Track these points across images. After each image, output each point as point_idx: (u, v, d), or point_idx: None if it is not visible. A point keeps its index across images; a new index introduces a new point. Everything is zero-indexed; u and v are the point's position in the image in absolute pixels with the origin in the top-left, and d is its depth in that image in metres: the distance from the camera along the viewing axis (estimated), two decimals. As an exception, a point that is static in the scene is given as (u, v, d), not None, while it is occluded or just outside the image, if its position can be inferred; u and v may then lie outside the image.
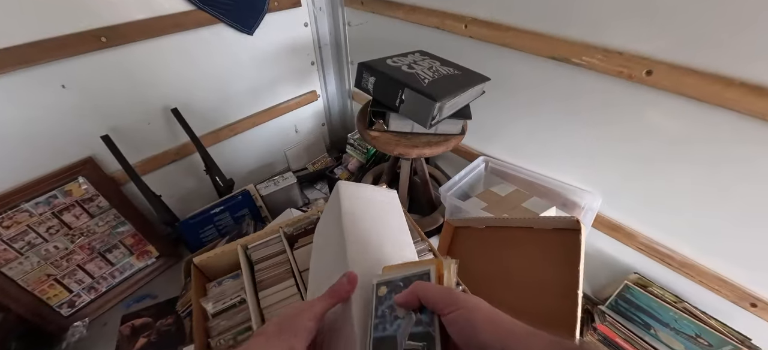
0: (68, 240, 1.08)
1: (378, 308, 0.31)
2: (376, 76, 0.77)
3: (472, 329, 0.25)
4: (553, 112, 0.94)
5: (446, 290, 0.28)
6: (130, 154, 1.05)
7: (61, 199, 1.03)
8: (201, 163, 1.25)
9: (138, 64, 1.04)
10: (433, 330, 0.27)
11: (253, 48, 1.26)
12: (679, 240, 0.89)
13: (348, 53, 1.46)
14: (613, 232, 0.99)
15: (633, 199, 0.91)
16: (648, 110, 0.76)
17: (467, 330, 0.26)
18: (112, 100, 1.03)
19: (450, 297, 0.27)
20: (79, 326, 1.15)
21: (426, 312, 0.28)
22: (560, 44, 0.80)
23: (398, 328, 0.28)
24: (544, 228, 0.78)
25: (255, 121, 1.39)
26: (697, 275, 0.88)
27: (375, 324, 0.30)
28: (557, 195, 1.05)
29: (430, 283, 0.29)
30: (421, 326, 0.28)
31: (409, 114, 0.75)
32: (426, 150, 0.80)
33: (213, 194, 1.37)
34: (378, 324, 0.30)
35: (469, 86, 0.79)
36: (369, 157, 1.32)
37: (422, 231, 0.61)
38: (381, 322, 0.30)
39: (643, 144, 0.82)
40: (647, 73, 0.71)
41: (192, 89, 1.18)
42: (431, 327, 0.27)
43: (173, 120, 1.15)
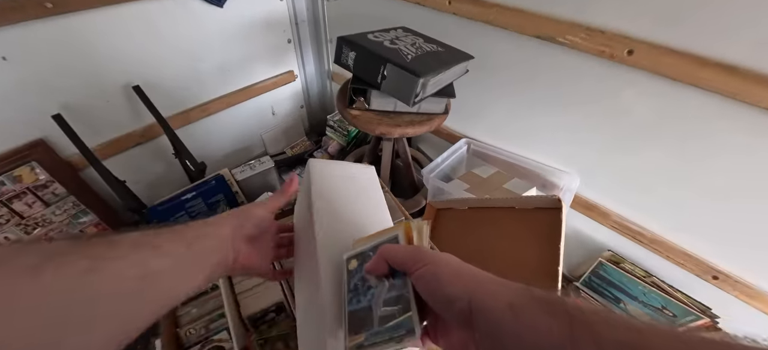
0: (21, 231, 0.99)
1: (350, 282, 0.30)
2: (356, 50, 0.73)
3: (437, 283, 0.25)
4: (534, 92, 0.94)
5: (412, 248, 0.28)
6: (88, 136, 0.96)
7: (9, 186, 0.93)
8: (169, 146, 1.17)
9: (92, 35, 0.94)
10: (406, 292, 0.26)
11: (224, 22, 1.18)
12: (649, 218, 0.92)
13: (327, 31, 1.39)
14: (588, 212, 1.01)
15: (608, 179, 0.94)
16: (627, 90, 0.77)
17: (433, 285, 0.25)
18: (64, 75, 0.93)
19: (417, 255, 0.26)
20: (38, 322, 1.07)
21: (398, 277, 0.27)
22: (544, 22, 0.79)
23: (372, 297, 0.28)
24: (526, 207, 0.79)
25: (229, 101, 1.31)
26: (665, 251, 0.92)
27: (349, 298, 0.30)
28: (537, 177, 1.06)
29: (397, 245, 0.29)
30: (394, 290, 0.27)
31: (392, 91, 0.72)
32: (409, 129, 0.78)
33: (184, 179, 1.29)
34: (352, 298, 0.29)
35: (452, 63, 0.77)
36: (350, 140, 1.29)
37: (407, 212, 0.60)
38: (355, 295, 0.29)
39: (619, 124, 0.83)
40: (628, 53, 0.71)
41: (156, 65, 1.09)
42: (405, 290, 0.27)
43: (136, 99, 1.06)
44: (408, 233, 0.29)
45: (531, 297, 0.22)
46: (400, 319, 0.26)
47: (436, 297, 0.25)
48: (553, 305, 0.21)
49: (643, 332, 0.18)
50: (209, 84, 1.25)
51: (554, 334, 0.19)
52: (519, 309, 0.21)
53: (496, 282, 0.24)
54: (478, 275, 0.25)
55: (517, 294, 0.22)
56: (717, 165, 0.74)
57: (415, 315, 0.25)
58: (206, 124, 1.30)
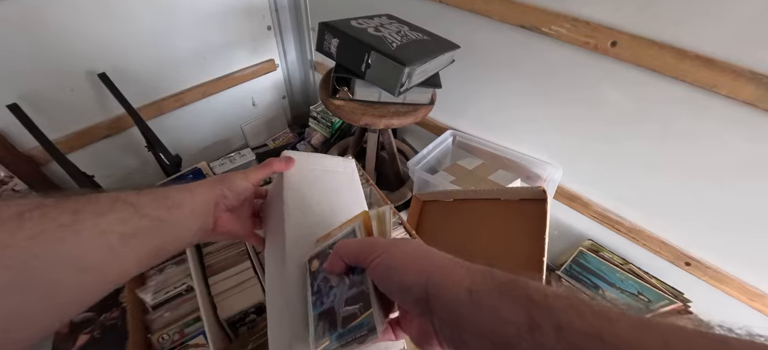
0: (-25, 229, 0.92)
1: (313, 284, 0.29)
2: (339, 37, 0.70)
3: (391, 272, 0.24)
4: (519, 83, 0.94)
5: (365, 240, 0.27)
6: (49, 128, 0.89)
7: (-40, 182, 0.86)
8: (141, 138, 1.10)
9: (53, 16, 0.86)
10: (365, 287, 0.25)
11: (198, 5, 1.11)
12: (628, 207, 0.95)
13: (308, 18, 1.34)
14: (570, 202, 1.03)
15: (590, 170, 0.95)
16: (609, 82, 0.78)
17: (386, 274, 0.24)
18: (21, 61, 0.86)
19: (370, 246, 0.25)
20: (0, 327, 1.00)
21: (357, 272, 0.26)
22: (530, 11, 0.78)
23: (335, 298, 0.27)
24: (511, 199, 0.79)
25: (205, 90, 1.25)
26: (643, 239, 0.95)
27: (313, 301, 0.28)
28: (521, 168, 1.07)
29: (350, 239, 0.28)
30: (355, 288, 0.26)
31: (376, 80, 0.69)
32: (394, 120, 0.76)
33: (159, 173, 1.23)
34: (316, 300, 0.28)
35: (439, 53, 0.75)
36: (334, 131, 1.26)
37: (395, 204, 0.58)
38: (318, 297, 0.28)
39: (601, 115, 0.84)
40: (612, 44, 0.71)
41: (124, 51, 1.02)
42: (364, 286, 0.26)
43: (102, 88, 0.99)
44: (366, 223, 0.28)
45: (491, 281, 0.21)
46: (361, 318, 0.24)
47: (391, 286, 0.24)
48: (515, 289, 0.20)
49: (612, 319, 0.17)
50: (184, 72, 1.18)
51: (512, 321, 0.19)
52: (477, 294, 0.20)
53: (456, 264, 0.23)
54: (437, 258, 0.24)
55: (476, 279, 0.21)
56: (694, 155, 0.76)
57: (377, 311, 0.24)
58: (181, 114, 1.24)
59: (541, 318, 0.18)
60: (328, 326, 0.26)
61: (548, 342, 0.17)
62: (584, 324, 0.17)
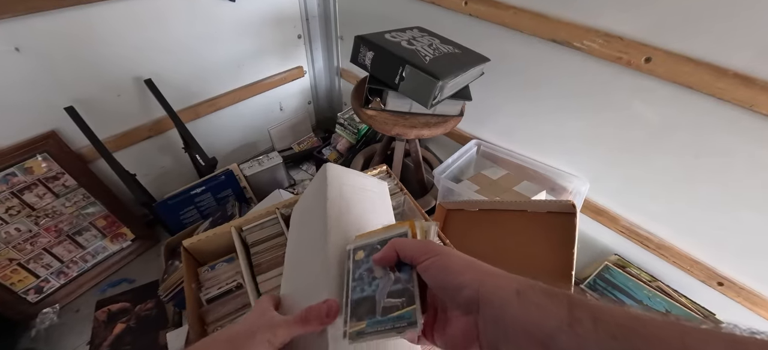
0: (32, 221, 0.99)
1: (355, 271, 0.31)
2: (374, 50, 0.73)
3: (447, 272, 0.26)
4: (547, 96, 0.94)
5: (423, 242, 0.29)
6: (98, 129, 0.96)
7: (20, 177, 0.93)
8: (178, 140, 1.17)
9: (105, 27, 0.93)
10: (411, 286, 0.27)
11: (235, 16, 1.17)
12: (658, 224, 0.93)
13: (337, 27, 1.38)
14: (597, 216, 1.02)
15: (619, 185, 0.94)
16: (642, 97, 0.78)
17: (443, 274, 0.26)
18: (76, 67, 0.93)
19: (426, 247, 0.28)
20: (48, 313, 1.07)
21: (404, 271, 0.28)
22: (561, 26, 0.79)
23: (377, 288, 0.29)
24: (538, 211, 0.79)
25: (238, 96, 1.31)
26: (672, 256, 0.93)
27: (353, 286, 0.30)
28: (547, 180, 1.07)
29: (407, 238, 0.30)
30: (399, 284, 0.28)
31: (409, 92, 0.72)
32: (424, 131, 0.78)
33: (192, 174, 1.30)
34: (356, 287, 0.30)
35: (470, 66, 0.77)
36: (359, 137, 1.29)
37: (424, 212, 0.60)
38: (359, 284, 0.30)
39: (632, 131, 0.83)
40: (646, 60, 0.71)
41: (168, 59, 1.08)
42: (410, 284, 0.28)
43: (146, 92, 1.06)
44: (413, 231, 0.31)
45: (536, 286, 0.23)
46: (403, 311, 0.27)
47: (446, 284, 0.26)
48: (557, 293, 0.22)
49: (642, 319, 0.19)
50: (219, 79, 1.25)
51: (555, 315, 0.21)
52: (525, 295, 0.23)
53: (503, 274, 0.25)
54: (487, 267, 0.26)
55: (522, 283, 0.24)
56: (730, 175, 0.74)
57: (419, 308, 0.26)
58: (214, 118, 1.30)
59: (581, 313, 0.21)
60: (366, 311, 0.28)
61: (587, 333, 0.20)
62: (619, 317, 0.20)
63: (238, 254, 0.51)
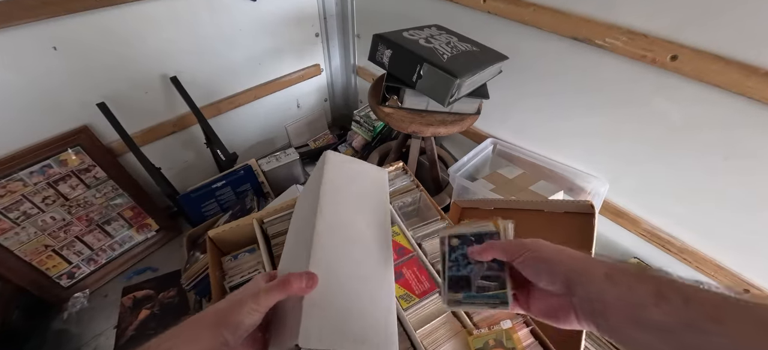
0: (65, 211, 1.05)
1: (451, 254, 0.37)
2: (392, 48, 0.73)
3: (543, 262, 0.30)
4: (566, 94, 0.93)
5: (513, 242, 0.34)
6: (126, 125, 1.01)
7: (56, 169, 0.99)
8: (201, 135, 1.21)
9: (134, 27, 0.98)
10: (503, 274, 0.33)
11: (256, 15, 1.20)
12: (681, 227, 0.90)
13: (354, 26, 1.40)
14: (616, 218, 1.00)
15: (639, 186, 0.92)
16: (667, 96, 0.76)
17: (536, 267, 0.30)
18: (108, 65, 0.98)
19: (518, 246, 0.32)
20: (79, 297, 1.13)
21: (497, 261, 0.34)
22: (583, 23, 0.77)
23: (471, 270, 0.35)
24: (555, 211, 0.78)
25: (256, 93, 1.34)
26: (696, 261, 0.90)
27: (449, 266, 0.37)
28: (564, 180, 1.05)
29: (500, 241, 0.35)
30: (492, 271, 0.34)
31: (427, 90, 0.72)
32: (441, 128, 0.79)
33: (213, 168, 1.34)
34: (452, 266, 0.37)
35: (488, 64, 0.77)
36: (375, 135, 1.30)
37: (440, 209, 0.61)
38: (454, 265, 0.37)
39: (655, 130, 0.81)
40: (672, 58, 0.69)
41: (192, 58, 1.12)
42: (502, 272, 0.33)
43: (171, 89, 1.10)
44: (497, 227, 0.37)
45: (624, 269, 0.26)
46: (495, 292, 0.33)
47: (541, 275, 0.30)
48: (644, 275, 0.25)
49: (728, 299, 0.21)
50: (239, 76, 1.28)
51: (642, 292, 0.24)
52: (613, 277, 0.26)
53: (591, 259, 0.29)
54: (575, 253, 0.30)
55: (610, 267, 0.27)
56: (759, 178, 0.72)
57: (510, 291, 0.33)
58: (234, 115, 1.34)
59: (669, 291, 0.23)
60: (462, 286, 0.35)
61: (676, 310, 0.22)
62: (704, 296, 0.22)
63: (259, 245, 0.53)
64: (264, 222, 0.57)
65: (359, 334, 0.34)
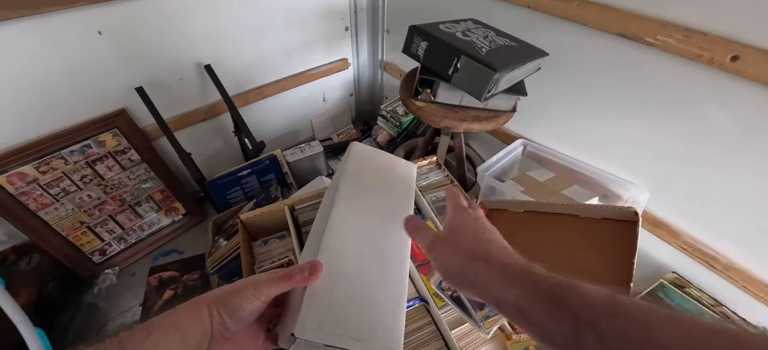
0: (101, 190, 1.09)
1: None
2: (429, 40, 0.72)
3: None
4: (608, 95, 0.88)
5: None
6: (161, 110, 1.04)
7: (94, 149, 1.03)
8: (229, 124, 1.23)
9: (173, 14, 1.00)
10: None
11: (289, 6, 1.21)
12: (728, 242, 0.84)
13: (384, 20, 1.39)
14: (655, 229, 0.94)
15: (683, 196, 0.86)
16: (723, 100, 0.70)
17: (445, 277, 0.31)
18: (147, 51, 1.01)
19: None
20: (109, 273, 1.18)
21: None
22: (633, 19, 0.73)
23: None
24: (593, 216, 0.74)
25: (284, 85, 1.36)
26: (743, 280, 0.84)
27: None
28: (598, 185, 1.00)
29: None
30: None
31: (463, 84, 0.70)
32: (474, 124, 0.76)
33: (239, 157, 1.36)
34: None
35: (527, 60, 0.74)
36: (401, 130, 1.28)
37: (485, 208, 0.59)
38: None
39: (707, 137, 0.76)
40: (732, 59, 0.64)
41: (225, 47, 1.14)
42: None
43: (205, 77, 1.13)
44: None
45: (536, 294, 0.24)
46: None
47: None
48: (563, 305, 0.22)
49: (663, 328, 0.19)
50: (269, 67, 1.30)
51: (558, 334, 0.22)
52: (523, 314, 0.24)
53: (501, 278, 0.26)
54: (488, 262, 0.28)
55: (520, 297, 0.24)
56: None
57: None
58: (262, 105, 1.36)
59: (588, 332, 0.21)
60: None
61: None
62: (629, 334, 0.20)
63: (290, 232, 0.52)
64: (295, 209, 0.56)
65: (360, 332, 0.32)
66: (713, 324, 0.19)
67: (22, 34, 0.81)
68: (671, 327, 0.19)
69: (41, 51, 0.85)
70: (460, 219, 0.33)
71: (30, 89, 0.87)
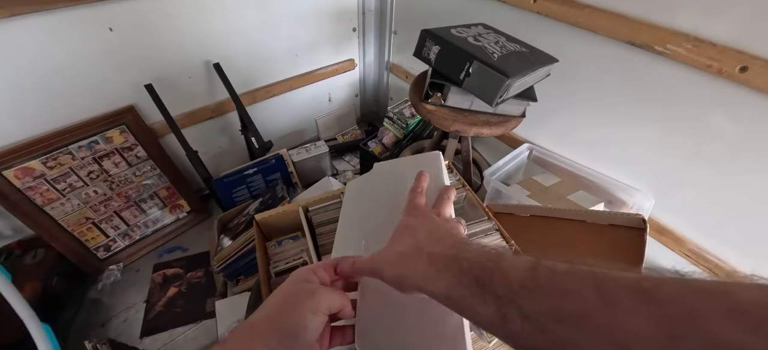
0: (107, 186, 1.09)
1: None
2: (441, 44, 0.72)
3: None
4: (616, 102, 0.89)
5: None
6: (169, 107, 1.04)
7: (102, 145, 1.03)
8: (237, 122, 1.23)
9: (182, 13, 1.00)
10: None
11: (298, 6, 1.21)
12: (732, 250, 0.85)
13: (392, 22, 1.39)
14: (659, 236, 0.95)
15: (689, 203, 0.87)
16: (731, 110, 0.71)
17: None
18: (157, 48, 1.01)
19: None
20: (114, 269, 1.18)
21: None
22: (643, 28, 0.73)
23: None
24: (599, 223, 0.75)
25: (292, 84, 1.36)
26: (746, 288, 0.84)
27: None
28: (604, 191, 1.01)
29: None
30: None
31: (474, 89, 0.71)
32: (484, 129, 0.77)
33: (244, 155, 1.37)
34: None
35: (538, 66, 0.74)
36: (407, 133, 1.29)
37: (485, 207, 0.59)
38: None
39: (714, 145, 0.76)
40: (741, 70, 0.65)
41: (234, 45, 1.15)
42: None
43: (213, 75, 1.13)
44: None
45: (465, 281, 0.23)
46: None
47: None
48: (486, 288, 0.22)
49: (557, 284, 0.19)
50: (277, 67, 1.30)
51: (486, 316, 0.21)
52: (453, 300, 0.23)
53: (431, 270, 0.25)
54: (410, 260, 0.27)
55: (451, 284, 0.23)
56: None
57: None
58: (269, 104, 1.36)
59: (509, 309, 0.20)
60: None
61: (517, 330, 0.20)
62: (544, 305, 0.19)
63: (304, 233, 0.53)
64: (309, 211, 0.57)
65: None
66: (634, 278, 0.17)
67: (33, 30, 0.81)
68: (590, 289, 0.18)
69: (52, 47, 0.85)
70: (405, 221, 0.31)
71: (40, 84, 0.87)
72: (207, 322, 1.08)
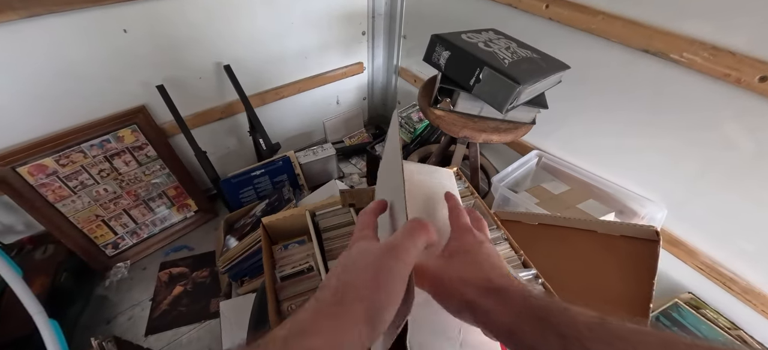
0: (117, 184, 1.11)
1: None
2: (451, 50, 0.72)
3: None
4: (629, 110, 0.87)
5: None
6: (179, 108, 1.05)
7: (113, 144, 1.04)
8: (244, 123, 1.24)
9: (195, 15, 1.01)
10: None
11: (308, 9, 1.22)
12: (748, 265, 0.83)
13: (401, 26, 1.39)
14: (672, 247, 0.93)
15: (703, 215, 0.85)
16: (749, 121, 0.69)
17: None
18: (169, 50, 1.02)
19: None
20: (121, 267, 1.19)
21: None
22: (658, 35, 0.72)
23: None
24: (611, 233, 0.73)
25: (300, 87, 1.37)
26: (762, 304, 0.82)
27: None
28: (614, 201, 0.99)
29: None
30: None
31: (484, 95, 0.70)
32: (494, 136, 0.76)
33: (251, 156, 1.37)
34: None
35: (550, 73, 0.73)
36: (415, 137, 1.28)
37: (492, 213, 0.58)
38: None
39: (731, 156, 0.75)
40: (761, 80, 0.63)
41: (245, 47, 1.16)
42: None
43: (223, 77, 1.14)
44: None
45: (529, 319, 0.23)
46: None
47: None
48: (550, 326, 0.22)
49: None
50: (286, 69, 1.31)
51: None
52: (514, 336, 0.23)
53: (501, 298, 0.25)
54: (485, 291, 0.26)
55: (515, 323, 0.23)
56: None
57: None
58: (277, 106, 1.37)
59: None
60: None
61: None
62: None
63: (311, 237, 0.53)
64: (316, 215, 0.56)
65: None
66: (700, 344, 0.19)
67: (50, 30, 0.82)
68: (656, 343, 0.19)
69: (67, 47, 0.86)
70: (460, 243, 0.30)
71: (55, 83, 0.89)
72: (211, 322, 1.08)
